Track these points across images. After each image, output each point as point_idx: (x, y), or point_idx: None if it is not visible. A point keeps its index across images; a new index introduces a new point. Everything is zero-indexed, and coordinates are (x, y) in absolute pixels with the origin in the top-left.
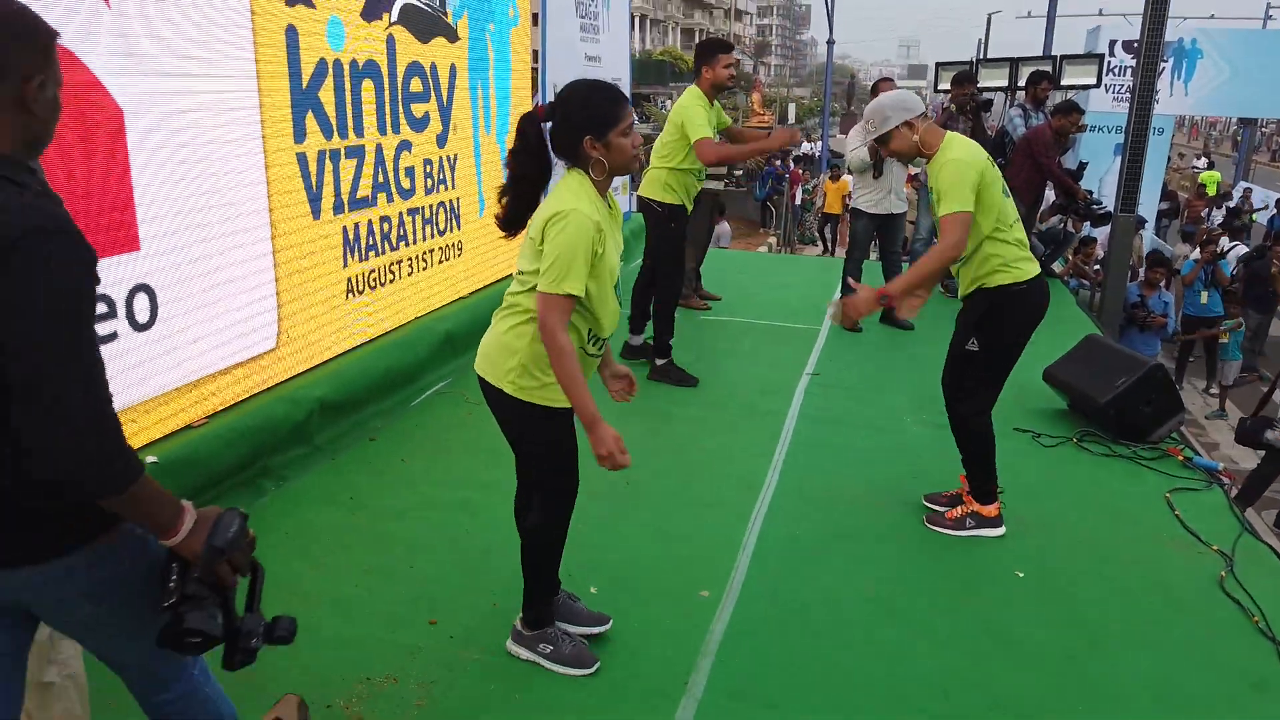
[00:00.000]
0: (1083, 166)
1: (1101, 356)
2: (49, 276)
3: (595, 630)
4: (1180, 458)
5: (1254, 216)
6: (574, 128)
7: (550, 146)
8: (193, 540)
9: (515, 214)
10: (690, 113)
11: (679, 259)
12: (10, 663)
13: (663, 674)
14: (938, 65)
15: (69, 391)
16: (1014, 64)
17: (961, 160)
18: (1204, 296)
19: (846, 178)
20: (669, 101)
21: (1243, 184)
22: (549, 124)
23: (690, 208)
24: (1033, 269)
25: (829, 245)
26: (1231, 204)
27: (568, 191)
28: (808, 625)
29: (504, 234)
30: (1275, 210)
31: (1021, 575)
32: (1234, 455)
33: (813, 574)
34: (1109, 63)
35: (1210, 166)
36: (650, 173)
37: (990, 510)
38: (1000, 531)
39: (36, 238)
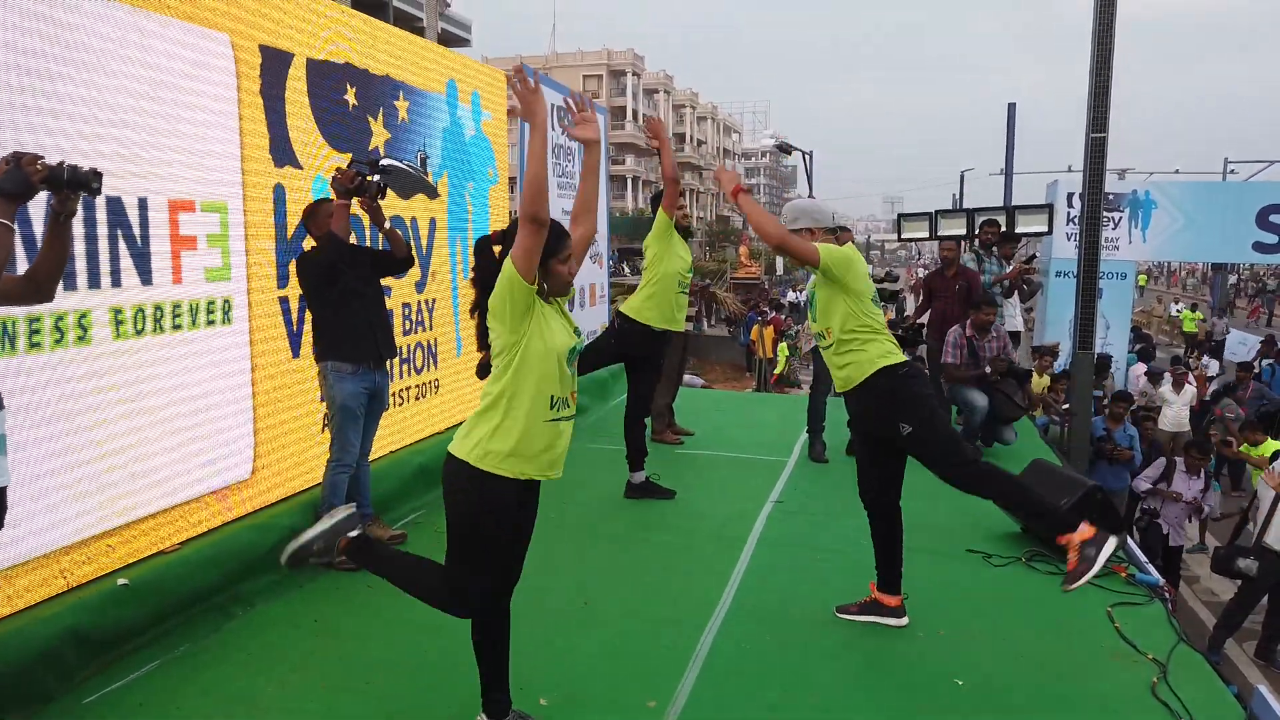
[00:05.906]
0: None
1: (1046, 479)
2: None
3: None
4: (1124, 575)
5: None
6: None
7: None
8: None
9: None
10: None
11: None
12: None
13: None
14: (937, 213)
15: None
16: (970, 214)
17: (847, 248)
18: None
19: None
20: None
21: (1220, 321)
22: (500, 247)
23: (661, 328)
24: (900, 357)
25: (762, 383)
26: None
27: None
28: None
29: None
30: (1253, 356)
31: (960, 683)
32: (1213, 587)
33: (759, 685)
34: (1069, 213)
35: (1193, 309)
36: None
37: (892, 600)
38: (904, 621)
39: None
